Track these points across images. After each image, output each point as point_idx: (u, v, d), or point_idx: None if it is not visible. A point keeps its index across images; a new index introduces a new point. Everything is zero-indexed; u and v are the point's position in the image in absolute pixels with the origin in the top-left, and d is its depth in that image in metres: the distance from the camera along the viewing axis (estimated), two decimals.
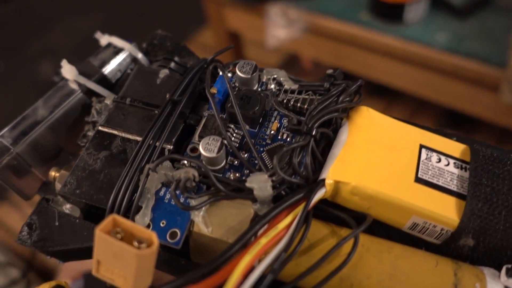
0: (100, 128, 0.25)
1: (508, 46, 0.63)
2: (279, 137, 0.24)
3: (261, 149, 0.24)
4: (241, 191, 0.21)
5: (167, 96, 0.24)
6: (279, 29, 0.79)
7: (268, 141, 0.24)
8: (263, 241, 0.19)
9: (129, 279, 0.18)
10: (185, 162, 0.22)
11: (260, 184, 0.21)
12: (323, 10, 0.76)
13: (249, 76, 0.24)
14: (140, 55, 0.28)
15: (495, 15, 0.69)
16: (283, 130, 0.24)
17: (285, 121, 0.24)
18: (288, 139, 0.24)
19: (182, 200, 0.22)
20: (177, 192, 0.21)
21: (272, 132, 0.24)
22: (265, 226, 0.20)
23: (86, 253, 0.23)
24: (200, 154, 0.22)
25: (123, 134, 0.24)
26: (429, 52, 0.67)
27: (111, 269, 0.18)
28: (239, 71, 0.25)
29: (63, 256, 0.24)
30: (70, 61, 0.26)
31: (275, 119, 0.25)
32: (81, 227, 0.23)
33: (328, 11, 0.75)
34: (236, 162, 0.23)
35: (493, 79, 0.64)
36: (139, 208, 0.22)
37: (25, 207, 0.93)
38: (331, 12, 0.75)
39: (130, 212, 0.21)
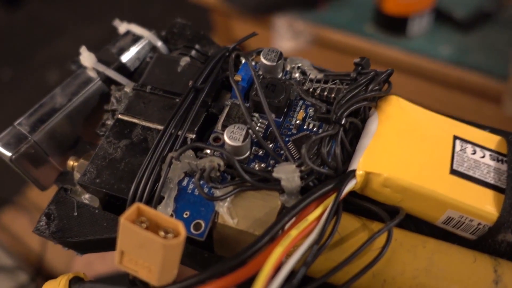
0: (120, 116, 0.24)
1: (511, 59, 0.63)
2: (304, 127, 0.23)
3: (287, 139, 0.23)
4: (267, 182, 0.21)
5: (190, 83, 0.23)
6: (285, 41, 0.79)
7: (294, 131, 0.23)
8: (294, 233, 0.18)
9: (154, 270, 0.17)
10: (209, 151, 0.22)
11: (288, 174, 0.20)
12: (329, 22, 0.77)
13: (274, 64, 0.24)
14: (159, 43, 0.27)
15: (498, 28, 0.70)
16: (309, 119, 0.23)
17: (310, 110, 0.24)
18: (315, 129, 0.23)
19: (206, 190, 0.21)
20: (201, 182, 0.21)
21: (298, 121, 0.23)
22: (293, 219, 0.19)
23: (105, 244, 0.23)
24: (223, 143, 0.22)
25: (144, 123, 0.23)
26: (432, 64, 0.68)
27: (135, 260, 0.17)
28: (264, 58, 0.24)
29: (82, 248, 0.23)
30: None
31: (300, 109, 0.24)
32: (101, 218, 0.22)
33: (333, 24, 0.76)
34: (260, 152, 0.22)
35: (495, 92, 0.65)
36: (161, 199, 0.21)
37: (32, 212, 0.92)
38: (336, 24, 0.76)
39: (152, 202, 0.21)
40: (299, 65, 0.25)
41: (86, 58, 0.26)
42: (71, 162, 0.24)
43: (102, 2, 1.33)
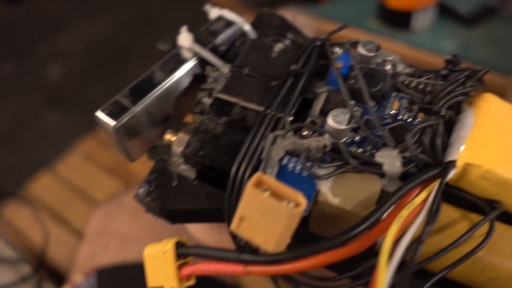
0: (218, 95, 0.25)
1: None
2: (399, 117, 0.24)
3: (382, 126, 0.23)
4: (368, 166, 0.21)
5: (292, 67, 0.24)
6: None
7: (388, 120, 0.24)
8: (405, 213, 0.18)
9: (273, 237, 0.18)
10: (305, 133, 0.22)
11: (391, 159, 0.21)
12: (332, 17, 0.77)
13: (372, 55, 0.24)
14: (250, 30, 0.28)
15: (502, 24, 0.70)
16: (403, 110, 0.24)
17: (405, 102, 0.24)
18: (409, 120, 0.24)
19: (307, 169, 0.22)
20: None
21: (393, 111, 0.24)
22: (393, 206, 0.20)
23: (200, 214, 0.24)
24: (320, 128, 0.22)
25: (242, 102, 0.24)
26: (436, 59, 0.68)
27: (253, 226, 0.18)
28: (363, 48, 0.24)
29: (176, 217, 0.24)
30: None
31: (394, 99, 0.24)
32: (200, 189, 0.23)
33: (337, 18, 0.77)
34: (357, 138, 0.23)
35: (499, 87, 0.64)
36: None
37: (35, 205, 0.94)
38: (340, 18, 0.77)
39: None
40: (390, 58, 0.26)
41: (185, 38, 0.27)
42: (168, 136, 0.25)
43: None
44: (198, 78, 0.28)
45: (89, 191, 0.97)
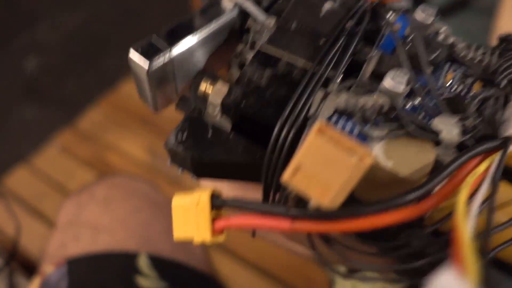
0: (263, 47, 0.23)
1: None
2: (452, 89, 0.23)
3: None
4: (425, 132, 0.20)
5: (348, 24, 0.22)
6: None
7: (442, 91, 0.22)
8: (470, 180, 0.17)
9: (331, 190, 0.16)
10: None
11: (449, 127, 0.20)
12: None
13: (430, 22, 0.23)
14: None
15: (474, 16, 0.70)
16: (457, 82, 0.23)
17: (459, 74, 0.23)
18: (463, 92, 0.22)
19: (359, 129, 0.20)
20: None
21: (447, 83, 0.23)
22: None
23: (232, 170, 0.22)
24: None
25: (289, 58, 0.23)
26: None
27: (309, 177, 0.16)
28: (422, 13, 0.23)
29: (204, 170, 0.22)
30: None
31: (448, 70, 0.23)
32: (236, 142, 0.22)
33: None
34: (409, 104, 0.22)
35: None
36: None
37: (8, 199, 0.90)
38: None
39: (300, 135, 0.20)
40: (444, 28, 0.25)
41: None
42: (205, 85, 0.23)
43: None
44: (235, 34, 0.26)
45: (67, 184, 0.96)
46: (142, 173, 0.96)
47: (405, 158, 0.20)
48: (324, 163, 0.16)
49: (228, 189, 0.26)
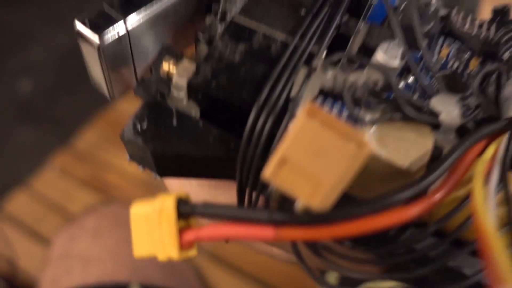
0: (236, 18, 0.20)
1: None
2: (448, 66, 0.20)
3: (429, 73, 0.20)
4: (421, 114, 0.18)
5: None
6: None
7: (437, 67, 0.20)
8: (481, 168, 0.15)
9: (323, 187, 0.13)
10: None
11: (449, 107, 0.17)
12: None
13: None
14: None
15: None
16: (453, 58, 0.20)
17: (454, 48, 0.21)
18: (459, 69, 0.20)
19: (349, 111, 0.18)
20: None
21: (442, 59, 0.20)
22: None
23: (200, 166, 0.19)
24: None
25: (265, 30, 0.20)
26: None
27: (297, 172, 0.14)
28: None
29: (168, 167, 0.19)
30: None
31: (442, 45, 0.21)
32: (206, 132, 0.18)
33: None
34: (401, 83, 0.19)
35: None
36: (291, 116, 0.17)
37: (11, 223, 0.91)
38: None
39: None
40: (433, 1, 0.22)
41: None
42: (166, 65, 0.20)
43: (72, 5, 1.24)
44: (204, 5, 0.23)
45: (66, 206, 0.94)
46: (141, 191, 0.94)
47: (401, 145, 0.17)
48: (315, 154, 0.13)
49: (197, 189, 0.23)
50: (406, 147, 0.17)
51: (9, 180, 0.98)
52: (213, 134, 0.18)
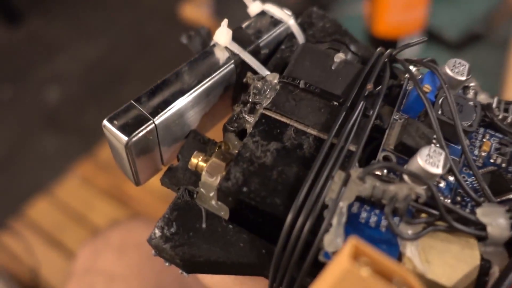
0: (265, 112, 0.19)
1: (500, 80, 0.63)
2: (491, 161, 0.19)
3: (470, 172, 0.19)
4: (465, 225, 0.16)
5: (369, 86, 0.19)
6: None
7: (478, 164, 0.19)
8: None
9: None
10: (378, 172, 0.17)
11: (497, 219, 0.16)
12: None
13: (463, 79, 0.20)
14: (300, 32, 0.23)
15: (488, 50, 0.71)
16: (496, 153, 0.19)
17: (495, 141, 0.20)
18: (503, 165, 0.19)
19: (384, 223, 0.17)
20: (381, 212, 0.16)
21: (483, 153, 0.19)
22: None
23: (234, 269, 0.18)
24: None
25: (297, 125, 0.19)
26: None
27: None
28: (450, 70, 0.20)
29: (197, 268, 0.18)
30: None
31: (483, 138, 0.20)
32: (236, 237, 0.18)
33: None
34: (442, 183, 0.18)
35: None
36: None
37: (33, 230, 0.93)
38: None
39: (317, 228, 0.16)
40: (472, 84, 0.21)
41: (223, 34, 0.21)
42: (196, 160, 0.19)
43: (101, 19, 1.32)
44: (231, 87, 0.22)
45: (87, 215, 0.96)
46: (161, 203, 0.95)
47: (446, 261, 0.16)
48: None
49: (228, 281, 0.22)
50: (452, 263, 0.16)
51: (32, 186, 1.00)
52: (243, 239, 0.18)
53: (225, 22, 0.21)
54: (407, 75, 0.21)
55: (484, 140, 0.20)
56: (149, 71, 1.15)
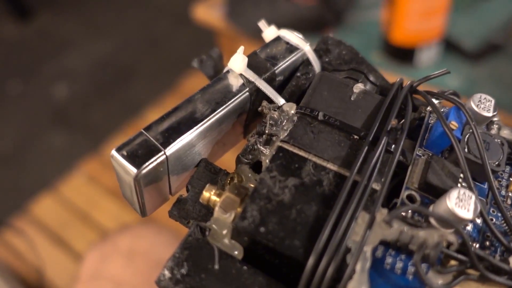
0: (282, 144, 0.18)
1: None
2: None
3: (497, 213, 0.18)
4: (496, 273, 0.15)
5: (393, 122, 0.18)
6: None
7: (506, 205, 0.18)
8: None
9: None
10: (409, 215, 0.16)
11: None
12: None
13: (489, 115, 0.19)
14: (316, 59, 0.22)
15: (506, 60, 0.71)
16: None
17: None
18: None
19: (412, 270, 0.16)
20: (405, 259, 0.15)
21: (510, 193, 0.18)
22: None
23: None
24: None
25: (316, 159, 0.18)
26: None
27: None
28: (476, 106, 0.19)
29: None
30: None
31: (509, 177, 0.19)
32: (251, 279, 0.16)
33: None
34: (469, 226, 0.17)
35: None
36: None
37: (37, 226, 0.93)
38: None
39: (340, 275, 0.15)
40: (495, 119, 0.21)
41: (238, 61, 0.20)
42: (208, 194, 0.18)
43: (111, 17, 1.32)
44: (244, 114, 0.21)
45: (91, 214, 0.96)
46: (167, 206, 0.94)
47: None
48: None
49: None
50: None
51: (38, 182, 1.00)
52: (259, 283, 0.16)
53: (241, 49, 0.20)
54: (429, 108, 0.20)
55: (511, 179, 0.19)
56: (157, 70, 1.15)
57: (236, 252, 0.17)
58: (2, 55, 1.25)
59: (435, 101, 0.20)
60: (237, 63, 0.20)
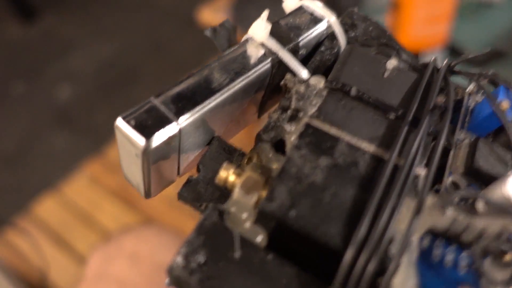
0: (311, 121, 0.16)
1: None
2: None
3: None
4: None
5: (439, 99, 0.16)
6: None
7: None
8: None
9: None
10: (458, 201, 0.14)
11: None
12: None
13: None
14: (342, 33, 0.20)
15: (510, 67, 0.70)
16: None
17: None
18: None
19: (464, 262, 0.14)
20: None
21: None
22: None
23: None
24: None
25: (349, 138, 0.16)
26: None
27: None
28: None
29: None
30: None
31: None
32: (277, 270, 0.14)
33: None
34: None
35: None
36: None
37: (39, 227, 0.91)
38: None
39: (383, 268, 0.13)
40: None
41: (261, 28, 0.18)
42: (225, 173, 0.16)
43: (116, 19, 1.31)
44: (262, 90, 0.19)
45: (94, 215, 0.95)
46: (166, 206, 0.93)
47: None
48: None
49: None
50: None
51: (40, 183, 0.99)
52: (286, 274, 0.14)
53: (265, 14, 0.18)
54: (467, 90, 0.19)
55: None
56: (161, 73, 1.14)
57: (258, 239, 0.15)
58: (6, 56, 1.23)
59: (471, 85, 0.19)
60: (260, 30, 0.18)
